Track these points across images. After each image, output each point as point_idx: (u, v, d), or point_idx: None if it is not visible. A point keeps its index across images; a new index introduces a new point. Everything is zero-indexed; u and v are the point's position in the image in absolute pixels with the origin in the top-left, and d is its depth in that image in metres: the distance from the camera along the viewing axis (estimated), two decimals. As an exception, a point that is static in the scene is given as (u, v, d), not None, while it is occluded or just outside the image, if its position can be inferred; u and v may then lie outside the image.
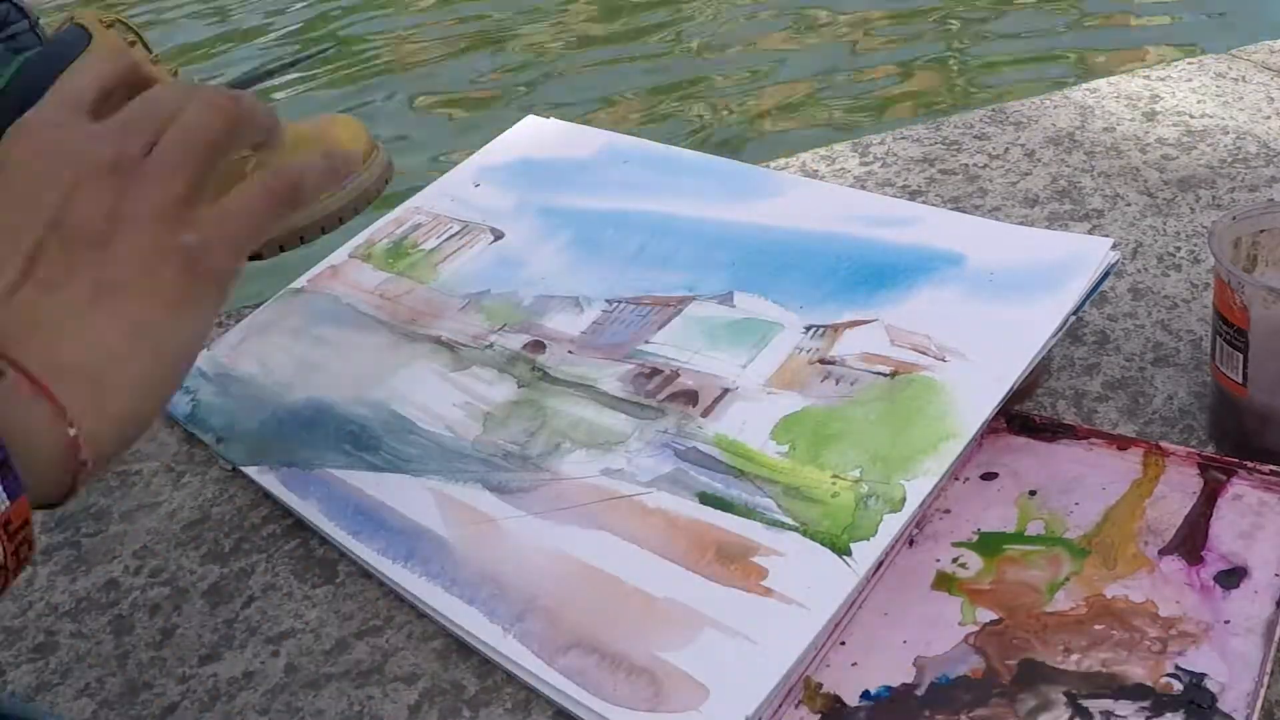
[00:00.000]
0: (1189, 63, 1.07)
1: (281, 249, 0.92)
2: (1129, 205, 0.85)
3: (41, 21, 0.84)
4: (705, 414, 0.60)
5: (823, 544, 0.52)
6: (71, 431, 0.38)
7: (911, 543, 0.55)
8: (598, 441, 0.60)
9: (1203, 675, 0.46)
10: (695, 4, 2.74)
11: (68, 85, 0.46)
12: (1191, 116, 0.97)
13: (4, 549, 0.36)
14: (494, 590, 0.54)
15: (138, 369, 0.42)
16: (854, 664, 0.49)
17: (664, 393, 0.62)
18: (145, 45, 0.88)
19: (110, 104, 0.45)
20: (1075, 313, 0.60)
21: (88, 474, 0.39)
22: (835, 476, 0.54)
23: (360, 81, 2.55)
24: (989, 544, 0.54)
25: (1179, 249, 0.79)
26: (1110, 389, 0.66)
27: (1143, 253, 0.79)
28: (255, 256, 0.91)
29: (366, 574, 0.59)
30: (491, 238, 0.78)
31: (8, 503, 0.36)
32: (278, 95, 2.48)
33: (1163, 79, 1.04)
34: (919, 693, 0.48)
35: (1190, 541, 0.53)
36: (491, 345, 0.69)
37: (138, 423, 0.42)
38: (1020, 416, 0.61)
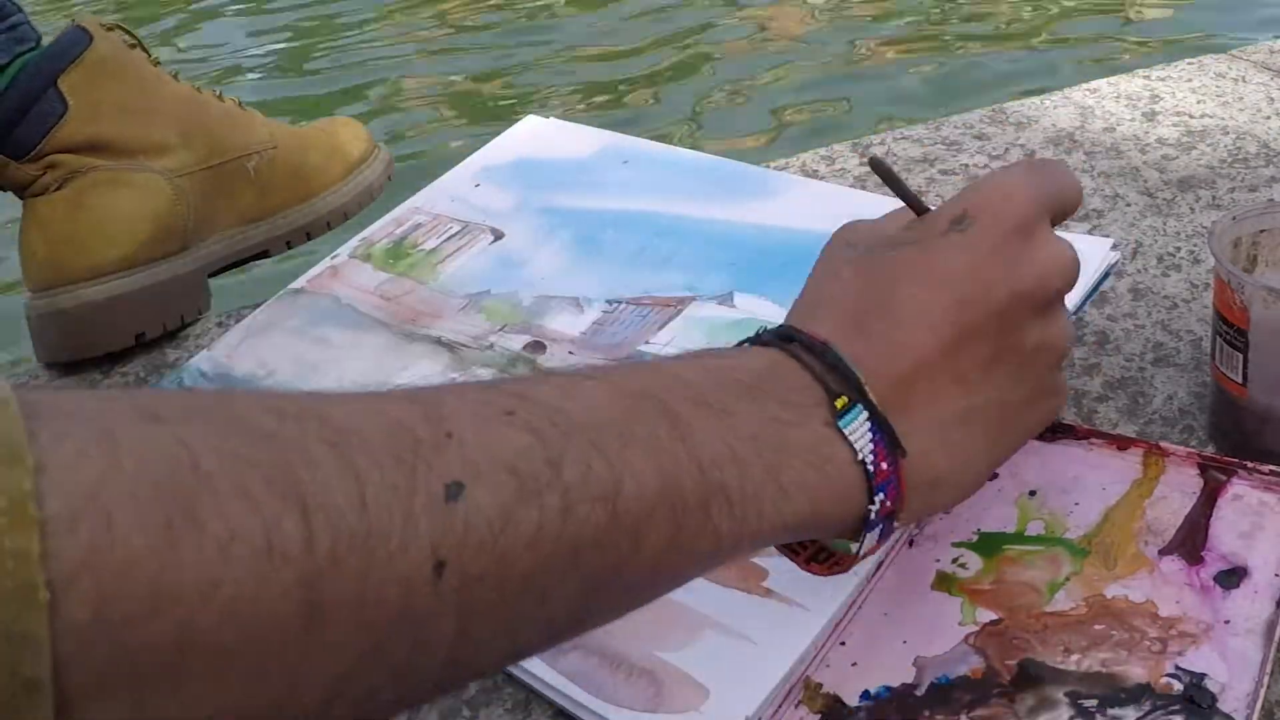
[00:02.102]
0: (1189, 63, 1.07)
1: (289, 246, 0.92)
2: (1129, 205, 0.85)
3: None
4: (705, 414, 0.60)
5: (823, 544, 0.52)
6: (895, 526, 0.41)
7: (911, 543, 0.55)
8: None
9: (1203, 675, 0.46)
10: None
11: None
12: (1191, 116, 0.97)
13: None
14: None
15: (970, 483, 0.44)
16: (854, 664, 0.49)
17: (664, 393, 0.62)
18: (144, 49, 0.88)
19: None
20: (1075, 313, 0.60)
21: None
22: (835, 477, 0.54)
23: (360, 81, 2.55)
24: (989, 544, 0.54)
25: (1179, 249, 0.79)
26: (1110, 389, 0.66)
27: (1143, 253, 0.79)
28: (263, 254, 0.91)
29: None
30: (491, 238, 0.78)
31: (875, 542, 0.41)
32: (276, 96, 2.48)
33: (1163, 79, 1.04)
34: (919, 693, 0.48)
35: (1190, 541, 0.53)
36: (492, 346, 0.69)
37: (930, 515, 0.47)
38: (1020, 416, 0.61)
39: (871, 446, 0.39)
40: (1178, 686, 0.46)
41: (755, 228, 0.72)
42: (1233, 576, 0.51)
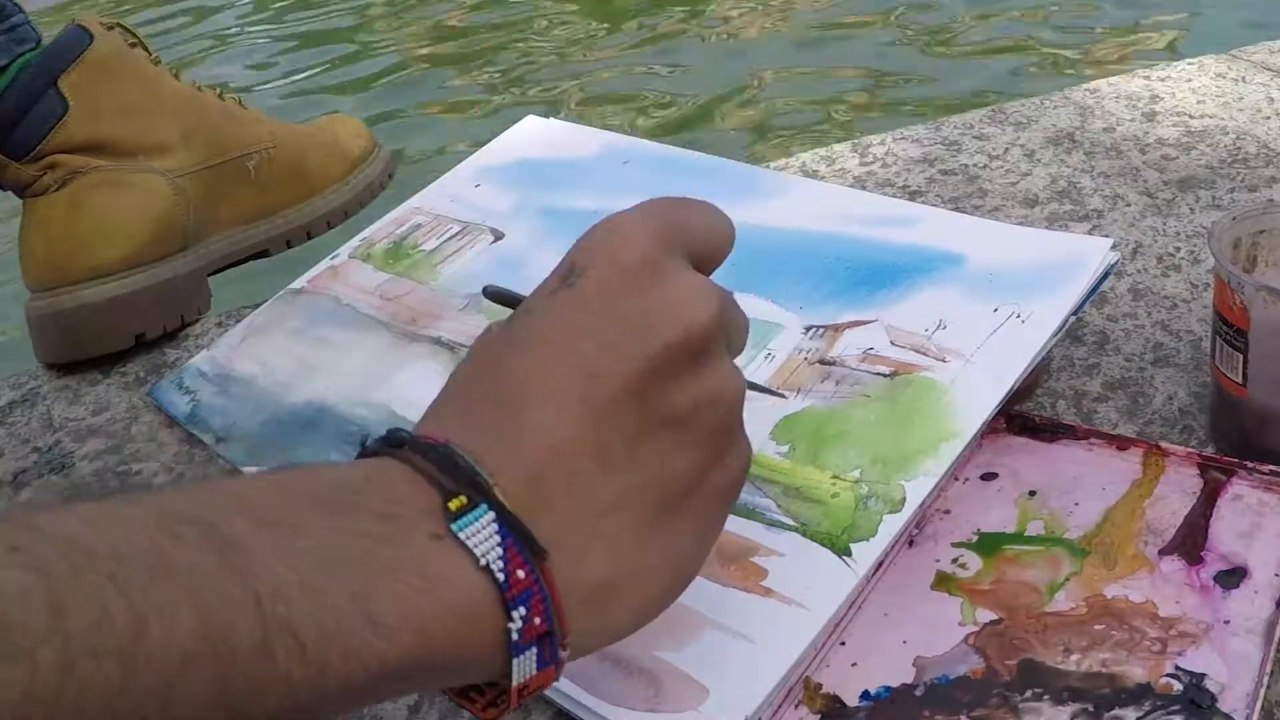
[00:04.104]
0: (1189, 63, 1.07)
1: (289, 245, 0.92)
2: (1129, 205, 0.85)
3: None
4: (705, 414, 0.60)
5: (822, 544, 0.52)
6: (563, 654, 0.34)
7: (911, 543, 0.55)
8: (598, 442, 0.60)
9: (1203, 675, 0.46)
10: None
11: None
12: (1191, 117, 0.97)
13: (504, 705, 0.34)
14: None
15: (656, 587, 0.37)
16: (854, 664, 0.49)
17: (664, 393, 0.62)
18: (145, 47, 0.88)
19: None
20: (1075, 313, 0.60)
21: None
22: (835, 477, 0.54)
23: (360, 82, 2.55)
24: (989, 544, 0.54)
25: (1179, 249, 0.79)
26: (1110, 389, 0.66)
27: (1143, 253, 0.79)
28: (262, 254, 0.91)
29: (367, 574, 0.59)
30: (491, 238, 0.78)
31: (534, 671, 0.34)
32: (277, 97, 2.48)
33: (1163, 79, 1.04)
34: (919, 693, 0.48)
35: (1190, 542, 0.53)
36: (492, 346, 0.69)
37: (622, 636, 0.37)
38: (1020, 416, 0.61)
39: (500, 551, 0.32)
40: (1178, 686, 0.46)
41: (755, 228, 0.72)
42: (1233, 576, 0.51)
